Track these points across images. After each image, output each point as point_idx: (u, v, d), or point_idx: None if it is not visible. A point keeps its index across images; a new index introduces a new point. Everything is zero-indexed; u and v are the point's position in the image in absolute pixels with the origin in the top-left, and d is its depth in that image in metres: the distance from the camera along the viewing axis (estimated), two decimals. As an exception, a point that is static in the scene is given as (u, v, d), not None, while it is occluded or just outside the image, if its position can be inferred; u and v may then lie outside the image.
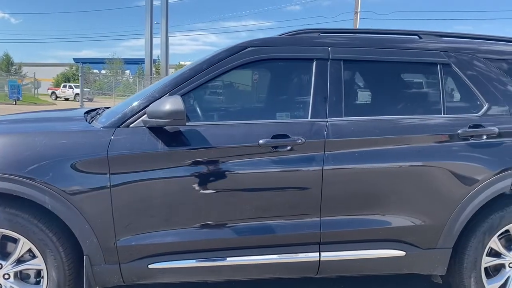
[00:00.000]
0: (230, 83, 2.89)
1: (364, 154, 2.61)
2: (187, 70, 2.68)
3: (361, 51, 2.79)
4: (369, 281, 3.35)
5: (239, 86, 2.95)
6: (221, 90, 2.89)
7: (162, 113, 2.34)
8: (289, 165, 2.55)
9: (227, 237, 2.56)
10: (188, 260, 2.55)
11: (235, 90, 2.97)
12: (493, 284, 2.82)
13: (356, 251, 2.66)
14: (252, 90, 3.14)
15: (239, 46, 2.70)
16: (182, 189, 2.47)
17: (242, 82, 2.95)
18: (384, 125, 2.68)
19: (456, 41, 2.95)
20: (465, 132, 2.69)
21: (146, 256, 2.51)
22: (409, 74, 2.91)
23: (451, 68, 2.82)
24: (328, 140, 2.57)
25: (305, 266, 2.67)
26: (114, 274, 2.52)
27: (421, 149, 2.65)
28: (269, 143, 2.51)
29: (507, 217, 2.76)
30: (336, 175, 2.58)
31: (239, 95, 3.03)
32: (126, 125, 2.52)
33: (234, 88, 2.96)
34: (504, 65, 2.90)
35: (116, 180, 2.42)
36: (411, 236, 2.68)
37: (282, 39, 2.84)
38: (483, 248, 2.76)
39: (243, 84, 2.96)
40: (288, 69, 2.89)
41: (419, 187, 2.65)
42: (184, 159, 2.46)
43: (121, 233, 2.46)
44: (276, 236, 2.59)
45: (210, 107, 2.86)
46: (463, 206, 2.68)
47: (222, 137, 2.53)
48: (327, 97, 2.65)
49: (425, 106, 2.85)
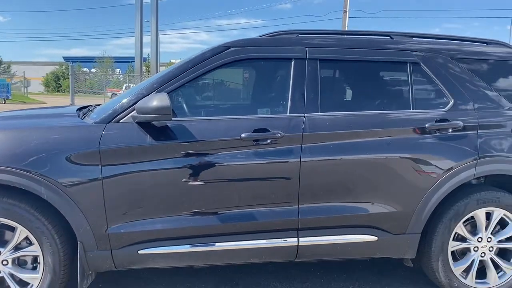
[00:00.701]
0: (215, 81, 3.07)
1: (338, 147, 2.82)
2: (174, 69, 2.87)
3: (336, 51, 3.00)
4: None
5: (223, 83, 3.14)
6: (207, 88, 3.07)
7: (150, 109, 2.53)
8: (269, 157, 2.75)
9: (212, 224, 2.74)
10: (176, 246, 2.73)
11: (220, 87, 3.16)
12: (459, 267, 3.05)
13: (331, 236, 2.86)
14: (235, 88, 3.33)
15: (222, 46, 2.90)
16: (169, 179, 2.66)
17: (226, 80, 3.14)
18: (357, 119, 2.88)
19: (425, 42, 3.17)
20: (432, 126, 2.91)
21: (136, 243, 2.68)
22: (381, 72, 3.11)
23: (420, 66, 3.03)
24: (305, 133, 2.77)
25: (285, 251, 2.87)
26: (106, 260, 2.69)
27: (391, 142, 2.86)
28: (251, 137, 2.71)
29: (471, 205, 2.98)
30: (313, 166, 2.78)
31: (223, 92, 3.22)
32: (116, 120, 2.69)
33: (218, 86, 3.15)
34: (469, 64, 3.12)
35: (107, 172, 2.59)
36: (382, 222, 2.90)
37: (263, 39, 3.03)
38: (449, 233, 2.98)
39: (227, 82, 3.14)
40: (269, 68, 3.09)
41: (389, 177, 2.86)
42: (170, 152, 2.65)
43: (112, 221, 2.64)
44: (258, 223, 2.78)
45: (195, 103, 3.05)
46: (430, 195, 2.90)
47: (207, 131, 2.72)
48: (304, 94, 2.85)
49: (395, 102, 3.06)
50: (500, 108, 3.07)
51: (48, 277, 2.63)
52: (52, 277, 2.63)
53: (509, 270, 3.10)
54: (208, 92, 3.12)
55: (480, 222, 3.03)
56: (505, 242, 3.09)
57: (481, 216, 3.02)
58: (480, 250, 3.06)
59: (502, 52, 3.24)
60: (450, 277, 3.02)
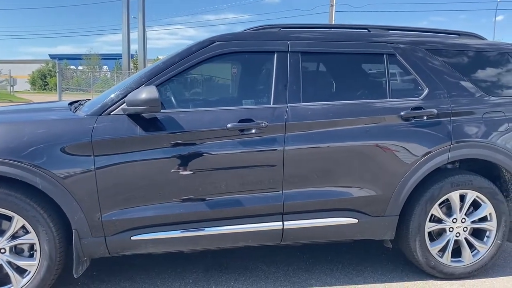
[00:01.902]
0: (201, 74, 3.21)
1: (320, 135, 2.97)
2: (161, 63, 3.00)
3: (317, 44, 3.15)
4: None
5: (210, 77, 3.27)
6: (194, 81, 3.21)
7: (139, 101, 2.66)
8: (254, 145, 2.89)
9: (201, 210, 2.88)
10: (166, 232, 2.86)
11: (206, 80, 3.29)
12: (435, 246, 3.23)
13: (314, 220, 3.02)
14: (221, 80, 3.47)
15: (207, 40, 3.03)
16: (159, 168, 2.79)
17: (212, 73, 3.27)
18: (337, 109, 3.04)
19: (400, 34, 3.34)
20: (408, 114, 3.08)
21: (129, 229, 2.82)
22: (359, 63, 3.26)
23: (396, 57, 3.20)
24: (288, 123, 2.92)
25: (270, 234, 3.02)
26: (100, 246, 2.82)
27: (369, 129, 3.03)
28: (236, 127, 2.85)
29: (446, 188, 3.16)
30: (296, 154, 2.93)
31: (209, 85, 3.35)
32: (107, 113, 2.82)
33: (204, 79, 3.28)
34: (442, 54, 3.30)
35: (99, 162, 2.72)
36: (362, 205, 3.06)
37: (246, 34, 3.17)
38: (425, 215, 3.16)
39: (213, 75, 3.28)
40: (253, 61, 3.23)
41: (368, 163, 3.02)
42: (159, 142, 2.78)
43: (105, 209, 2.77)
44: (245, 208, 2.93)
45: (183, 96, 3.18)
46: (407, 179, 3.07)
47: (194, 122, 2.85)
48: (287, 85, 3.00)
49: (373, 92, 3.23)
50: (472, 96, 3.25)
51: (45, 264, 2.75)
52: (48, 264, 2.75)
53: (482, 248, 3.29)
54: (195, 85, 3.26)
55: (454, 204, 3.22)
56: (478, 222, 3.28)
57: (455, 198, 3.20)
58: (455, 231, 3.24)
59: (473, 43, 3.42)
60: (427, 256, 3.21)
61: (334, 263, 3.54)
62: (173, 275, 3.29)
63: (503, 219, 3.27)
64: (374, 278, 3.30)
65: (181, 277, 3.25)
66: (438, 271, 3.25)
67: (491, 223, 3.28)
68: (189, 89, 3.25)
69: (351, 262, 3.56)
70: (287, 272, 3.36)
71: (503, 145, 3.20)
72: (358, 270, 3.42)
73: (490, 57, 3.41)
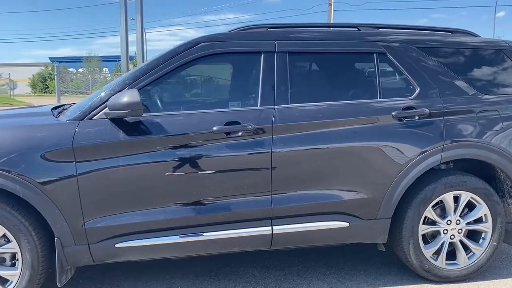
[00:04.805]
0: (187, 76, 3.13)
1: (309, 137, 2.90)
2: (145, 65, 2.93)
3: (305, 44, 3.08)
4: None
5: (196, 78, 3.20)
6: (179, 83, 3.13)
7: (120, 105, 2.59)
8: (241, 149, 2.82)
9: (189, 216, 2.81)
10: (152, 239, 2.79)
11: (192, 82, 3.22)
12: (430, 249, 3.15)
13: (304, 224, 2.94)
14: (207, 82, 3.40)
15: (192, 41, 2.96)
16: (143, 174, 2.72)
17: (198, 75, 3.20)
18: (326, 110, 2.97)
19: (391, 32, 3.26)
20: (399, 114, 3.00)
21: (113, 236, 2.75)
22: (348, 63, 3.17)
23: (387, 56, 3.12)
24: (276, 125, 2.84)
25: (260, 240, 2.95)
26: (84, 254, 2.75)
27: (359, 130, 2.95)
28: (222, 130, 2.78)
29: (439, 189, 3.08)
30: (284, 157, 2.86)
31: (195, 87, 3.28)
32: (90, 117, 2.75)
33: (191, 81, 3.21)
34: (435, 52, 3.22)
35: (82, 168, 2.65)
36: (353, 208, 2.99)
37: (233, 34, 3.10)
38: (419, 217, 3.08)
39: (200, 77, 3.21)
40: (239, 61, 3.16)
41: (358, 165, 2.95)
42: (143, 147, 2.71)
43: (88, 216, 2.70)
44: (233, 213, 2.86)
45: (168, 98, 3.10)
46: (399, 180, 2.99)
47: (179, 125, 2.78)
48: (274, 86, 2.93)
49: (363, 92, 3.15)
50: (465, 95, 3.17)
51: (27, 273, 2.68)
52: (31, 273, 2.69)
53: (477, 251, 3.21)
54: (180, 87, 3.18)
55: (448, 205, 3.14)
56: (473, 224, 3.20)
57: (449, 199, 3.12)
58: (450, 233, 3.16)
59: (466, 40, 3.34)
60: (421, 259, 3.13)
61: (327, 267, 3.46)
62: (161, 282, 3.21)
63: (499, 220, 3.19)
64: (368, 282, 3.22)
65: (170, 284, 3.18)
66: (432, 275, 3.17)
67: (486, 224, 3.20)
68: (174, 91, 3.17)
69: (344, 266, 3.48)
70: (278, 278, 3.29)
71: (498, 144, 3.11)
72: (351, 275, 3.34)
73: (483, 55, 3.33)
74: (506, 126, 3.15)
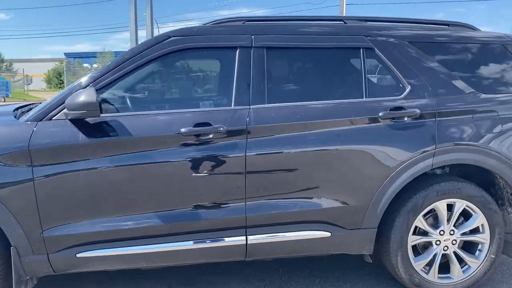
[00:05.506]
0: (156, 73, 2.92)
1: (286, 139, 2.66)
2: (112, 62, 2.72)
3: (285, 38, 2.83)
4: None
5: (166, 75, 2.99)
6: (147, 80, 2.93)
7: (76, 105, 2.40)
8: (212, 152, 2.60)
9: (155, 225, 2.61)
10: (116, 248, 2.60)
11: (162, 80, 3.01)
12: (420, 262, 2.90)
13: (282, 233, 2.72)
14: (178, 80, 3.18)
15: (161, 36, 2.75)
16: (104, 179, 2.53)
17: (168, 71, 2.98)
18: (306, 110, 2.73)
19: (380, 26, 3.00)
20: (386, 115, 2.74)
21: (74, 246, 2.56)
22: (332, 59, 2.90)
23: (374, 52, 2.86)
24: (250, 126, 2.62)
25: (233, 250, 2.74)
26: (43, 264, 2.58)
27: (342, 133, 2.71)
28: (191, 132, 2.56)
29: (431, 197, 2.82)
30: (259, 161, 2.63)
31: (165, 85, 3.07)
32: (49, 118, 2.56)
33: (160, 78, 3.00)
34: (428, 48, 2.95)
35: (39, 173, 2.47)
36: (335, 217, 2.75)
37: (206, 28, 2.88)
38: (408, 227, 2.83)
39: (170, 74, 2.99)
40: (212, 58, 2.94)
41: (341, 170, 2.71)
42: (104, 150, 2.51)
43: (47, 224, 2.52)
44: (204, 221, 2.65)
45: (134, 97, 2.89)
46: (385, 187, 2.75)
47: (143, 127, 2.57)
48: (250, 85, 2.70)
49: (348, 91, 2.90)
50: (461, 94, 2.90)
51: (-18, 284, 2.52)
52: (-15, 284, 2.52)
53: (473, 263, 2.96)
54: (149, 85, 2.98)
55: (441, 214, 2.88)
56: (470, 234, 2.94)
57: (442, 208, 2.86)
58: (443, 244, 2.91)
59: (464, 34, 3.06)
60: (410, 272, 2.88)
61: (311, 277, 3.23)
62: (133, 292, 3.03)
63: (497, 230, 2.92)
64: (353, 295, 3.00)
65: (141, 295, 3.00)
66: (423, 289, 2.92)
67: (483, 235, 2.93)
68: (141, 90, 2.97)
69: (331, 276, 3.25)
70: (258, 289, 3.08)
71: (496, 148, 2.84)
72: (336, 287, 3.10)
73: (483, 50, 3.04)
74: (505, 129, 2.87)
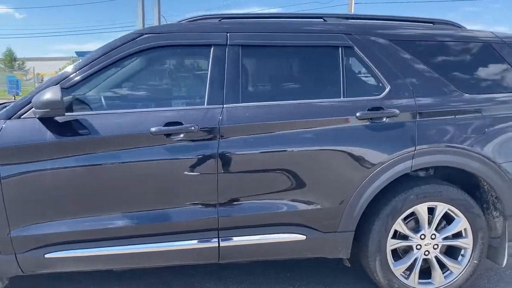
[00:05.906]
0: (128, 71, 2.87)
1: (260, 140, 2.60)
2: (82, 60, 2.68)
3: (261, 36, 2.76)
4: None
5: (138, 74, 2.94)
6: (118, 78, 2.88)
7: (41, 103, 2.36)
8: (183, 152, 2.55)
9: (125, 226, 2.56)
10: (85, 249, 2.56)
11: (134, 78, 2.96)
12: (399, 266, 2.82)
13: (255, 236, 2.66)
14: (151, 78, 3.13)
15: (134, 33, 2.70)
16: (72, 180, 2.48)
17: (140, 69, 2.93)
18: (281, 110, 2.66)
19: (361, 24, 2.92)
20: (364, 115, 2.66)
21: (42, 246, 2.52)
22: (310, 58, 2.82)
23: (354, 50, 2.78)
24: (223, 126, 2.56)
25: (206, 253, 2.68)
26: (11, 264, 2.54)
27: (318, 133, 2.63)
28: (161, 131, 2.51)
29: (411, 200, 2.74)
30: (232, 161, 2.57)
31: (137, 84, 3.02)
32: (17, 116, 2.52)
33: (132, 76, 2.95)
34: (410, 46, 2.85)
35: (5, 172, 2.43)
36: (310, 220, 2.68)
37: (180, 25, 2.82)
38: (387, 231, 2.75)
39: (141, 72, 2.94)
40: (186, 56, 2.89)
41: (316, 171, 2.63)
42: (72, 149, 2.47)
43: (15, 224, 2.48)
44: (175, 223, 2.60)
45: (104, 96, 2.85)
46: (362, 190, 2.66)
47: (111, 126, 2.52)
48: (224, 83, 2.64)
49: (326, 90, 2.81)
50: (443, 94, 2.80)
51: (-50, 283, 2.50)
52: (-47, 283, 2.50)
53: (455, 269, 2.87)
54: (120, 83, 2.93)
55: (422, 218, 2.79)
56: (452, 239, 2.85)
57: (423, 211, 2.77)
58: (424, 248, 2.82)
59: (448, 33, 2.96)
60: (389, 277, 2.80)
61: (291, 280, 3.16)
62: (107, 293, 2.99)
63: (480, 235, 2.82)
64: (332, 300, 2.92)
65: (116, 296, 2.95)
66: (403, 295, 2.83)
67: (466, 240, 2.84)
68: (112, 88, 2.92)
69: (312, 280, 3.17)
70: (234, 292, 3.01)
71: (479, 151, 2.74)
72: (315, 291, 3.03)
73: (467, 49, 2.94)
74: (490, 130, 2.77)
